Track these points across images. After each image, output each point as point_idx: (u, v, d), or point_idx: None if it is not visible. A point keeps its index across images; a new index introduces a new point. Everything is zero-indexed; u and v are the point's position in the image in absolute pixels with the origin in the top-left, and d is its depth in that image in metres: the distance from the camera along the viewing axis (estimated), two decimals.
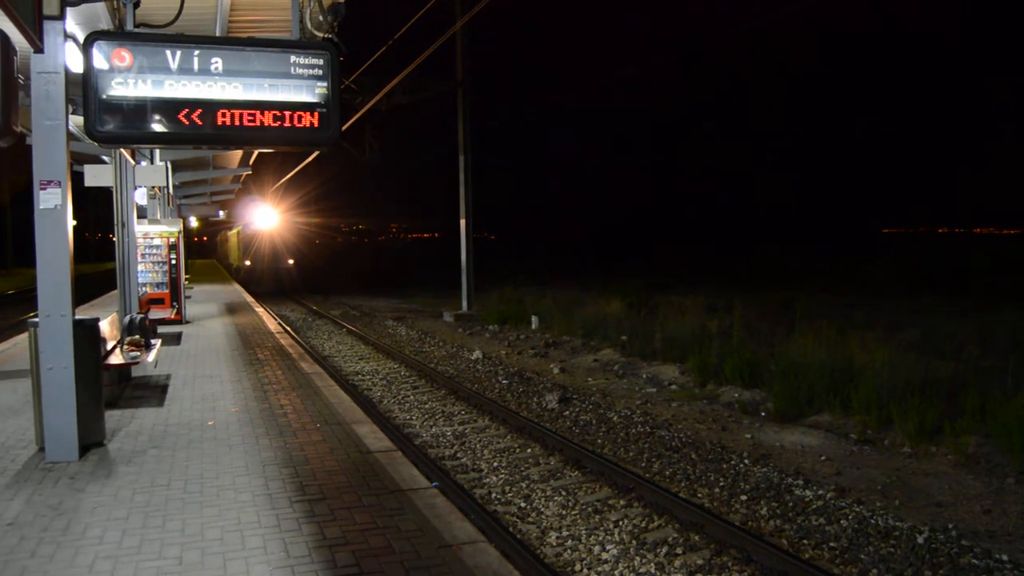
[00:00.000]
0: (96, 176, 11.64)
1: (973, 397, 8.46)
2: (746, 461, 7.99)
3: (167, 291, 15.36)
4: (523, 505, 6.90)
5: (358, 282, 39.94)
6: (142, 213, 15.58)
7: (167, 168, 12.94)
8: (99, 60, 5.13)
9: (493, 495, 7.18)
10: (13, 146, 5.06)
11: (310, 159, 23.57)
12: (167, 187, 15.12)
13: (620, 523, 6.42)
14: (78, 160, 13.81)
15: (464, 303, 22.80)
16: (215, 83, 5.33)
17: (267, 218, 35.66)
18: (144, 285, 14.86)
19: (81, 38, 5.40)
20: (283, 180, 33.83)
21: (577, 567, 5.65)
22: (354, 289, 36.16)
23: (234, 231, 43.96)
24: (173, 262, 15.46)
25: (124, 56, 5.17)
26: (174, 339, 13.37)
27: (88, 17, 7.19)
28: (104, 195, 12.40)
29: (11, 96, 4.71)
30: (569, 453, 8.21)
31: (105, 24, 7.45)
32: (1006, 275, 22.73)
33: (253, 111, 5.39)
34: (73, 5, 5.76)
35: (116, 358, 7.87)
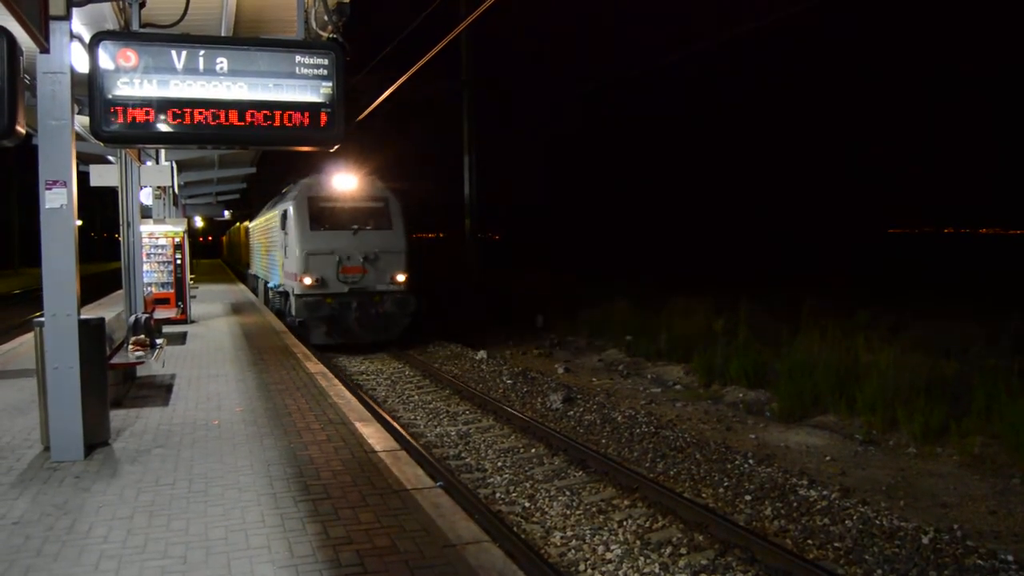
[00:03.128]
0: (102, 176, 11.68)
1: (979, 397, 8.43)
2: (751, 461, 7.97)
3: (172, 291, 15.38)
4: (527, 505, 6.90)
5: None
6: (147, 213, 15.61)
7: (172, 168, 13.00)
8: (105, 60, 5.14)
9: (497, 495, 7.18)
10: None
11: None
12: (172, 187, 15.17)
13: (624, 523, 6.41)
14: (83, 160, 13.82)
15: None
16: (220, 83, 5.34)
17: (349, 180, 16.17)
18: (149, 285, 14.87)
19: (87, 38, 5.41)
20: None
21: (581, 567, 5.64)
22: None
23: (265, 217, 21.22)
24: (178, 262, 15.48)
25: (130, 56, 5.18)
26: (179, 339, 13.40)
27: (94, 17, 7.21)
28: (110, 195, 12.43)
29: (17, 96, 4.73)
30: (573, 453, 8.20)
31: (111, 24, 7.47)
32: (1012, 275, 22.63)
33: (258, 111, 5.40)
34: (79, 5, 5.78)
35: (121, 358, 7.89)
